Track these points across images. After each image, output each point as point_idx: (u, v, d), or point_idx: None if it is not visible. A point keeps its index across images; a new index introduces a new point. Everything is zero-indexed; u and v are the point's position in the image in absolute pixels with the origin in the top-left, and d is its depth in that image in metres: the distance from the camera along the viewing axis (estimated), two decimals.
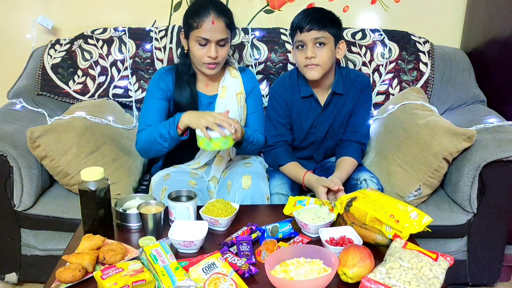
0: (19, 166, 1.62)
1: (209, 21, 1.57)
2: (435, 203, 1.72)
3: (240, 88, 1.77)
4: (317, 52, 1.63)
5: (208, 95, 1.74)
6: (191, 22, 1.59)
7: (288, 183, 1.67)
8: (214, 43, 1.59)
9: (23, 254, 1.75)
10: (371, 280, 1.04)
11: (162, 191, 1.57)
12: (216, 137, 1.44)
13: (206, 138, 1.43)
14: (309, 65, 1.64)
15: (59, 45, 2.07)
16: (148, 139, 1.61)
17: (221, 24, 1.59)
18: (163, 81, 1.70)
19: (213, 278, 1.06)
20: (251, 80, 1.82)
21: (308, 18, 1.62)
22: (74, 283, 1.10)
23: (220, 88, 1.75)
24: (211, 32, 1.58)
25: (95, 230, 1.27)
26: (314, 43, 1.62)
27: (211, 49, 1.59)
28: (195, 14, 1.59)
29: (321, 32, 1.61)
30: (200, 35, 1.58)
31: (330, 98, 1.73)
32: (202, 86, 1.75)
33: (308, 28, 1.61)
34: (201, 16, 1.57)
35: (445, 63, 2.09)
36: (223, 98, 1.74)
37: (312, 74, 1.65)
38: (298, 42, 1.65)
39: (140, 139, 1.65)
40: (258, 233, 1.28)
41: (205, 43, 1.60)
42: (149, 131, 1.61)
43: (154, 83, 1.71)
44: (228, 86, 1.75)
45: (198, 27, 1.58)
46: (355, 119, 1.78)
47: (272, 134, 1.77)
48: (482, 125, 1.76)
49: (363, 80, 1.77)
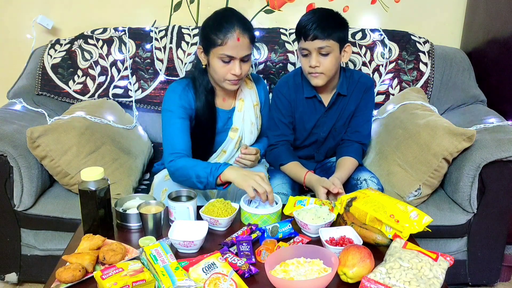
0: (19, 166, 1.62)
1: (234, 38, 1.48)
2: (435, 203, 1.72)
3: (256, 100, 1.74)
4: (321, 60, 1.60)
5: (226, 110, 1.69)
6: (214, 38, 1.50)
7: (289, 182, 1.67)
8: (238, 60, 1.52)
9: (23, 254, 1.75)
10: (371, 280, 1.04)
11: (162, 192, 1.57)
12: (257, 214, 1.36)
13: (247, 212, 1.36)
14: (313, 73, 1.63)
15: (59, 45, 2.07)
16: (184, 176, 1.50)
17: (246, 41, 1.52)
18: (185, 99, 1.59)
19: (213, 278, 1.06)
20: (264, 90, 1.80)
21: (313, 26, 1.56)
22: (74, 283, 1.09)
23: (237, 101, 1.70)
24: (236, 49, 1.50)
25: (95, 230, 1.27)
26: (318, 52, 1.59)
27: (235, 66, 1.52)
28: (218, 30, 1.50)
29: (325, 42, 1.57)
30: (224, 53, 1.50)
31: (334, 99, 1.73)
32: (219, 101, 1.68)
33: (312, 37, 1.56)
34: (225, 33, 1.49)
35: (445, 63, 2.09)
36: (240, 111, 1.70)
37: (316, 82, 1.65)
38: (302, 49, 1.62)
39: (175, 173, 1.53)
40: (258, 233, 1.28)
41: (229, 60, 1.52)
42: (186, 168, 1.49)
43: (175, 101, 1.58)
44: (245, 98, 1.71)
45: (223, 44, 1.49)
46: (357, 119, 1.77)
47: (274, 134, 1.77)
48: (482, 125, 1.76)
49: (366, 81, 1.77)
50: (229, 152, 1.70)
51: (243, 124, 1.70)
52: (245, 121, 1.70)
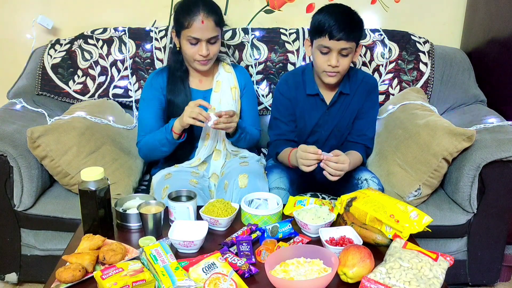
0: (19, 166, 1.62)
1: (199, 20, 1.60)
2: (435, 203, 1.72)
3: (234, 83, 1.80)
4: (341, 60, 1.60)
5: (202, 90, 1.77)
6: (181, 21, 1.62)
7: (286, 177, 1.65)
8: (204, 42, 1.62)
9: (23, 254, 1.75)
10: (371, 280, 1.04)
11: (163, 190, 1.57)
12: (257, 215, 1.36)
13: (247, 213, 1.37)
14: (330, 72, 1.62)
15: (59, 45, 2.06)
16: (149, 146, 1.70)
17: (211, 23, 1.62)
18: (155, 82, 1.74)
19: (213, 278, 1.06)
20: (244, 76, 1.85)
21: (341, 27, 1.54)
22: (74, 283, 1.10)
23: (214, 82, 1.78)
24: (201, 31, 1.61)
25: (95, 230, 1.27)
26: (339, 52, 1.59)
27: (202, 47, 1.63)
28: (186, 13, 1.62)
29: (349, 43, 1.57)
30: (190, 35, 1.62)
31: (336, 97, 1.72)
32: (195, 82, 1.78)
33: (338, 38, 1.55)
34: (191, 15, 1.60)
35: (445, 63, 2.09)
36: (217, 92, 1.76)
37: (331, 80, 1.65)
38: (324, 47, 1.59)
39: (141, 148, 1.74)
40: (258, 233, 1.29)
41: (196, 42, 1.63)
42: (148, 139, 1.69)
43: (147, 87, 1.76)
44: (223, 81, 1.78)
45: (189, 27, 1.61)
46: (362, 122, 1.77)
47: (275, 133, 1.78)
48: (482, 125, 1.76)
49: (370, 81, 1.77)
50: (212, 135, 1.75)
51: (220, 105, 1.75)
52: (222, 102, 1.75)
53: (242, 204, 1.39)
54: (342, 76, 1.67)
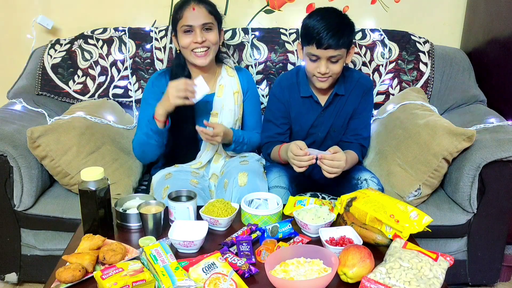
0: (19, 166, 1.62)
1: (190, 8, 1.63)
2: (435, 203, 1.72)
3: (237, 87, 1.79)
4: (330, 66, 1.59)
5: None
6: (176, 16, 1.66)
7: (286, 175, 1.65)
8: (198, 28, 1.64)
9: (23, 254, 1.75)
10: (371, 280, 1.04)
11: (164, 190, 1.57)
12: (257, 215, 1.36)
13: (247, 213, 1.37)
14: (321, 77, 1.63)
15: (59, 45, 2.06)
16: (138, 142, 1.69)
17: (202, 10, 1.65)
18: (157, 85, 1.73)
19: (213, 278, 1.06)
20: (247, 80, 1.84)
21: (328, 35, 1.52)
22: (74, 283, 1.10)
23: (217, 86, 1.77)
24: (193, 18, 1.63)
25: (95, 230, 1.27)
26: (328, 59, 1.58)
27: (197, 34, 1.64)
28: (178, 7, 1.67)
29: (338, 51, 1.55)
30: (184, 24, 1.64)
31: (331, 99, 1.72)
32: None
33: (326, 46, 1.54)
34: (183, 7, 1.65)
35: (445, 63, 2.09)
36: (220, 97, 1.75)
37: (322, 85, 1.65)
38: (312, 55, 1.59)
39: (135, 147, 1.73)
40: (258, 233, 1.29)
41: (190, 30, 1.65)
42: (138, 135, 1.69)
43: (148, 89, 1.75)
44: (225, 85, 1.77)
45: (182, 17, 1.64)
46: (357, 122, 1.77)
47: (266, 135, 1.78)
48: (482, 125, 1.76)
49: (366, 83, 1.77)
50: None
51: (223, 110, 1.75)
52: (225, 107, 1.75)
53: (242, 204, 1.39)
54: (334, 80, 1.66)
